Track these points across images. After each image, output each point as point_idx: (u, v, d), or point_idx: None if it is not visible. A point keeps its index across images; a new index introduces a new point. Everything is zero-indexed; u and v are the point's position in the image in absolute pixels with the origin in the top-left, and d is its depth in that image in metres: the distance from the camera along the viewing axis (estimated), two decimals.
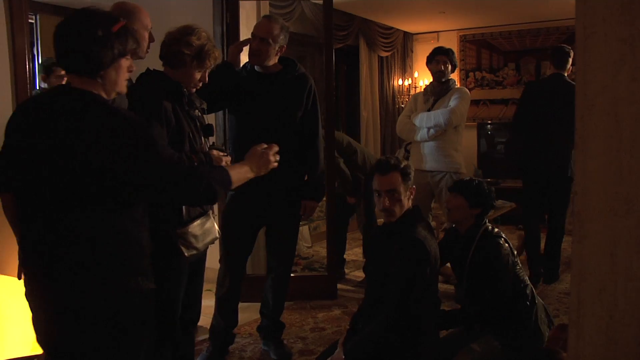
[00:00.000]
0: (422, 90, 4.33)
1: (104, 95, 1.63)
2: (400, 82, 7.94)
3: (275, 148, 1.99)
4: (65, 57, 1.61)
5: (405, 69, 8.08)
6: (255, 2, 4.30)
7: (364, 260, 3.02)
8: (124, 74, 1.67)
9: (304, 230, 5.89)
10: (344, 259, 4.90)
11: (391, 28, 7.69)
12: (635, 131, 0.67)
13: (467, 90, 4.21)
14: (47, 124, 1.56)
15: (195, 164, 2.08)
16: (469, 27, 7.84)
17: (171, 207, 2.11)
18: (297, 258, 5.39)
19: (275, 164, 1.99)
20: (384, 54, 7.60)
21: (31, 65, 2.80)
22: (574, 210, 0.74)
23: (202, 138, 2.37)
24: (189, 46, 2.21)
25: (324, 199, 5.52)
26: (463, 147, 4.20)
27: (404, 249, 2.34)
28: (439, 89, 4.06)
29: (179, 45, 2.20)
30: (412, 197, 2.48)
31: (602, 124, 0.71)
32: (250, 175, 1.88)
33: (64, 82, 1.70)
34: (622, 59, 0.69)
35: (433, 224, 6.32)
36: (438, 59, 4.03)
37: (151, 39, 2.51)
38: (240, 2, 4.03)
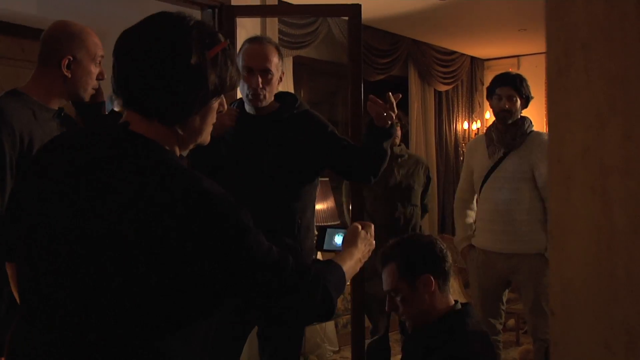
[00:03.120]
0: (484, 133, 4.24)
1: (177, 149, 1.48)
2: (465, 125, 7.89)
3: (372, 227, 1.94)
4: (131, 90, 1.42)
5: (473, 108, 8.05)
6: (259, 19, 4.37)
7: None
8: (212, 119, 1.51)
9: (329, 327, 5.77)
10: None
11: (453, 52, 7.70)
12: (634, 217, 0.58)
13: None
14: (95, 184, 1.36)
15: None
16: None
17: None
18: None
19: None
20: (443, 88, 7.60)
21: None
22: (551, 340, 0.65)
23: None
24: None
25: (348, 283, 5.42)
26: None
27: None
28: (508, 137, 3.95)
29: None
30: (434, 290, 2.37)
31: (585, 205, 0.62)
32: (358, 268, 1.79)
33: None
34: (611, 105, 0.61)
35: (511, 322, 6.17)
36: (500, 93, 3.93)
37: (100, 75, 2.52)
38: (238, 20, 4.09)
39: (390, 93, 2.82)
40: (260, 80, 2.87)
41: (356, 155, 2.98)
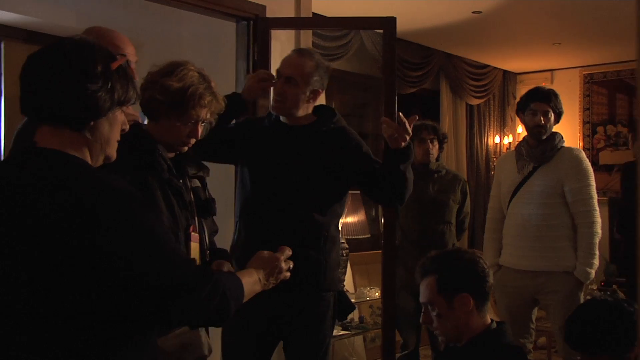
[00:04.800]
0: (514, 149, 4.21)
1: (89, 159, 1.59)
2: (497, 139, 7.89)
3: (288, 252, 2.00)
4: (40, 99, 1.55)
5: (505, 122, 8.04)
6: (293, 31, 4.37)
7: None
8: (117, 131, 1.64)
9: (357, 341, 5.74)
10: None
11: (486, 66, 7.71)
12: None
13: (584, 155, 4.06)
14: (12, 208, 1.49)
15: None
16: (597, 62, 7.75)
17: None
18: None
19: (288, 274, 2.01)
20: (474, 102, 7.61)
21: None
22: None
23: (197, 219, 2.35)
24: (165, 91, 2.21)
25: (378, 293, 5.39)
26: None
27: None
28: (538, 151, 3.93)
29: (153, 89, 2.22)
30: (471, 309, 2.34)
31: None
32: (258, 288, 1.87)
33: None
34: None
35: (542, 340, 6.08)
36: (535, 108, 3.89)
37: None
38: (273, 32, 4.10)
39: (400, 113, 2.80)
40: (282, 86, 2.88)
41: (382, 181, 2.97)
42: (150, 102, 2.24)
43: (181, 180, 2.33)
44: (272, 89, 3.00)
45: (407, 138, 2.81)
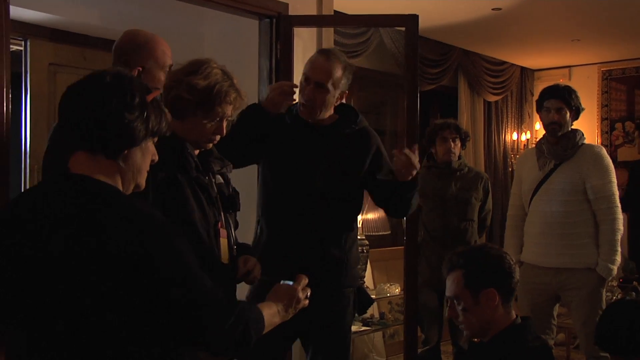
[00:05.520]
0: (534, 146, 4.22)
1: (119, 183, 1.64)
2: (515, 136, 7.88)
3: (304, 281, 2.05)
4: (80, 126, 1.59)
5: (523, 119, 8.03)
6: (315, 29, 4.39)
7: None
8: (148, 161, 1.70)
9: (377, 337, 5.76)
10: None
11: (503, 62, 7.70)
12: None
13: (605, 152, 4.06)
14: (46, 234, 1.53)
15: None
16: (615, 58, 7.74)
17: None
18: None
19: (306, 301, 2.07)
20: (492, 98, 7.60)
21: (11, 105, 2.77)
22: None
23: (223, 214, 2.37)
24: (191, 89, 2.23)
25: (398, 289, 5.40)
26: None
27: None
28: (559, 148, 3.94)
29: (179, 88, 2.23)
30: (496, 304, 2.36)
31: None
32: (277, 320, 1.94)
33: None
34: None
35: (561, 336, 6.06)
36: (548, 106, 3.91)
37: None
38: (295, 30, 4.11)
39: (407, 149, 2.81)
40: (312, 92, 2.86)
41: (388, 198, 3.01)
42: (177, 101, 2.25)
43: (207, 177, 2.36)
44: (298, 91, 2.97)
45: (415, 173, 2.82)
